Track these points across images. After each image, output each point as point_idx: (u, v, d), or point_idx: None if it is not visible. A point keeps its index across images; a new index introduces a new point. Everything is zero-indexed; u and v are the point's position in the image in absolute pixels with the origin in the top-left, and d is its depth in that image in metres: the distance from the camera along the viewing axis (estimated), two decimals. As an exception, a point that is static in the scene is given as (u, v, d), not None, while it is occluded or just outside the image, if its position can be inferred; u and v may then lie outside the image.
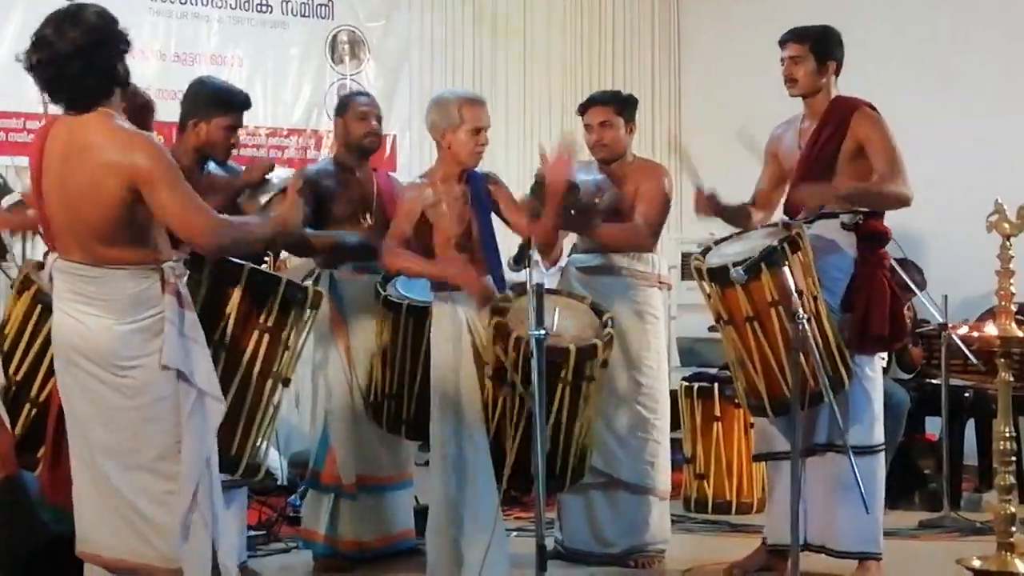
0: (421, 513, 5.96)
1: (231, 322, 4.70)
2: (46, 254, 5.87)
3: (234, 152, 5.75)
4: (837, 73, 5.96)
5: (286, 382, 4.93)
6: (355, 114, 6.23)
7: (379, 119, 6.29)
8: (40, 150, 4.15)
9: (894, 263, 6.30)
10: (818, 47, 5.90)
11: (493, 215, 5.60)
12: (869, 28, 9.31)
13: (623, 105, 6.36)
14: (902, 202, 5.78)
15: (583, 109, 6.39)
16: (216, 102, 5.60)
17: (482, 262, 5.49)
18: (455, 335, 5.39)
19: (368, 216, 6.17)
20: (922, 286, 7.57)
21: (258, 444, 4.88)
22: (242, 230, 4.41)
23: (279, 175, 5.80)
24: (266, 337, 4.83)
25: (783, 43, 5.96)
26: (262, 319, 4.82)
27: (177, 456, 4.12)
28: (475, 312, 5.39)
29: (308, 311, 4.94)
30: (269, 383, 4.87)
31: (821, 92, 5.91)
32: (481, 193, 5.55)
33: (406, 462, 6.31)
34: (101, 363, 4.08)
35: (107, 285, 4.09)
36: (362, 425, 6.11)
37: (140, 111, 5.05)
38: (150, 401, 4.10)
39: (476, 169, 5.55)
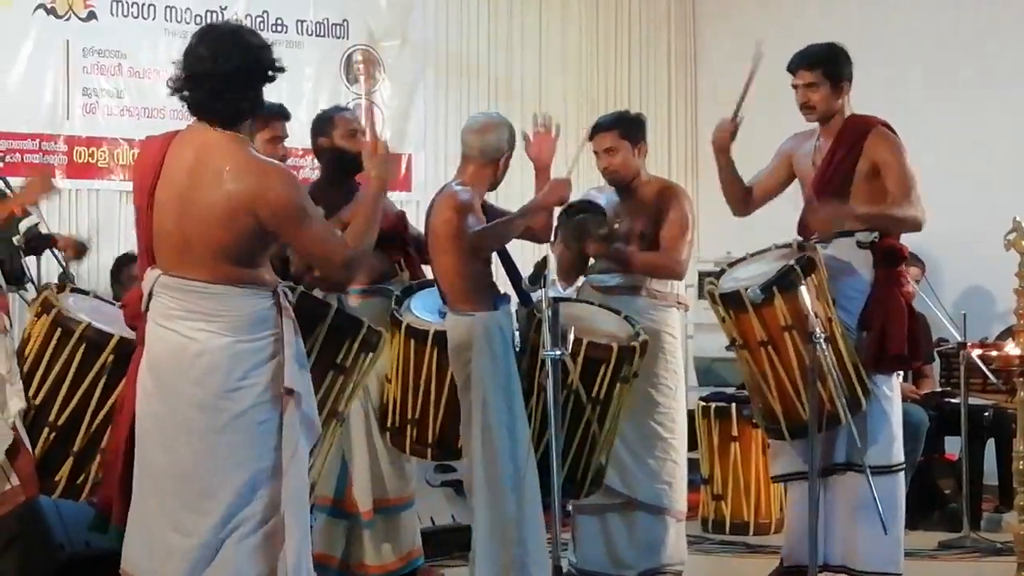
0: (434, 535, 5.93)
1: (311, 358, 4.61)
2: (60, 276, 5.91)
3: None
4: (849, 91, 5.94)
5: (342, 421, 4.95)
6: (343, 131, 6.15)
7: (362, 132, 6.24)
8: (157, 164, 4.12)
9: (917, 287, 6.26)
10: (830, 70, 5.86)
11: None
12: (886, 50, 9.29)
13: (627, 128, 6.30)
14: (915, 227, 5.77)
15: (591, 135, 6.36)
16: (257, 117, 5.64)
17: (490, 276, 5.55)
18: (504, 350, 5.39)
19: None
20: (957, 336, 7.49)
21: (314, 483, 4.87)
22: (368, 244, 4.29)
23: None
24: (340, 378, 4.83)
25: (793, 69, 5.91)
26: (339, 359, 4.81)
27: (267, 482, 4.05)
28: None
29: (375, 356, 4.93)
30: (333, 423, 4.86)
31: (837, 113, 5.89)
32: (497, 212, 5.58)
33: (411, 482, 6.29)
34: (207, 383, 4.00)
35: (228, 302, 4.04)
36: (379, 451, 6.09)
37: None
38: (247, 425, 4.02)
39: None
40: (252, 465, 4.03)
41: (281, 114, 5.75)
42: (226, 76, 4.05)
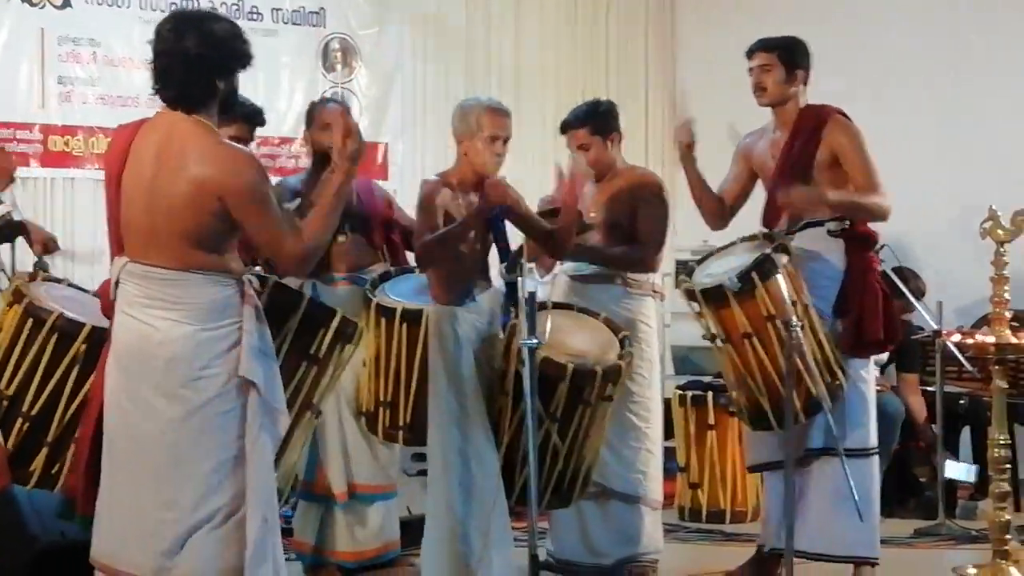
0: (409, 524, 5.93)
1: (284, 348, 4.62)
2: (35, 265, 5.90)
3: None
4: (805, 83, 5.97)
5: (318, 414, 4.91)
6: (319, 123, 6.15)
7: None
8: (124, 150, 4.13)
9: (890, 272, 6.28)
10: (786, 56, 5.92)
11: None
12: (861, 36, 9.31)
13: (598, 123, 6.22)
14: (882, 216, 5.80)
15: (562, 130, 6.32)
16: (222, 111, 5.62)
17: (488, 269, 5.51)
18: (456, 347, 5.37)
19: (346, 225, 6.13)
20: (920, 294, 7.55)
21: (289, 473, 4.86)
22: (322, 239, 4.26)
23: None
24: (314, 368, 4.79)
25: (751, 53, 5.98)
26: (312, 349, 4.78)
27: (231, 471, 4.05)
28: (488, 315, 5.43)
29: (351, 347, 4.91)
30: (307, 414, 4.84)
31: (790, 102, 5.92)
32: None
33: (391, 472, 6.29)
34: (173, 370, 4.01)
35: (190, 289, 4.04)
36: (349, 434, 6.09)
37: None
38: (213, 413, 4.03)
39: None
40: (217, 454, 4.04)
41: (248, 118, 5.71)
42: (187, 59, 4.06)
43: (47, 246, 6.57)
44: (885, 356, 7.34)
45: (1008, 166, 8.74)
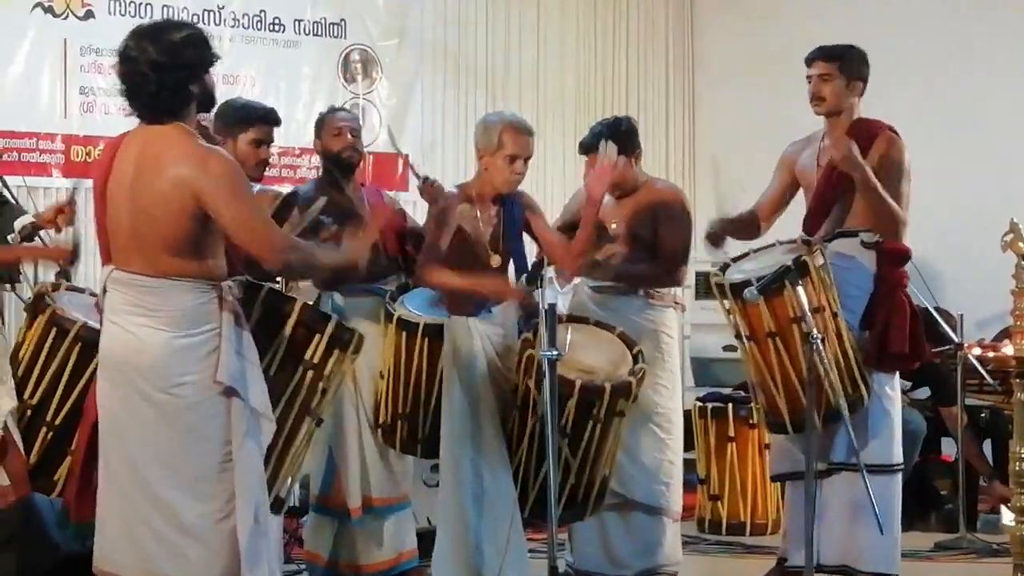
0: (429, 535, 5.93)
1: (279, 354, 4.64)
2: (58, 275, 5.90)
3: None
4: (862, 94, 5.95)
5: (319, 422, 4.92)
6: (330, 130, 6.19)
7: (355, 133, 6.24)
8: (109, 162, 4.21)
9: (933, 311, 6.25)
10: (847, 66, 5.89)
11: (527, 237, 5.62)
12: (882, 46, 9.25)
13: (620, 142, 6.11)
14: (895, 222, 5.78)
15: (584, 151, 6.26)
16: (240, 118, 5.67)
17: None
18: (471, 359, 5.38)
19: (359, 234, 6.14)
20: (954, 337, 7.47)
21: (287, 480, 4.87)
22: (309, 254, 4.41)
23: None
24: (310, 374, 4.79)
25: (811, 61, 5.93)
26: (308, 355, 4.79)
27: (219, 476, 4.10)
28: (502, 328, 5.41)
29: (351, 354, 4.92)
30: (306, 422, 4.85)
31: (845, 112, 5.90)
32: (515, 214, 5.55)
33: (405, 483, 6.28)
34: (151, 378, 4.07)
35: (167, 296, 4.10)
36: (367, 448, 6.09)
37: None
38: (197, 419, 4.09)
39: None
40: (204, 459, 4.10)
41: (265, 118, 5.75)
42: (144, 70, 4.11)
43: (68, 258, 6.58)
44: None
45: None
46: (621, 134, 6.23)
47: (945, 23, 9.46)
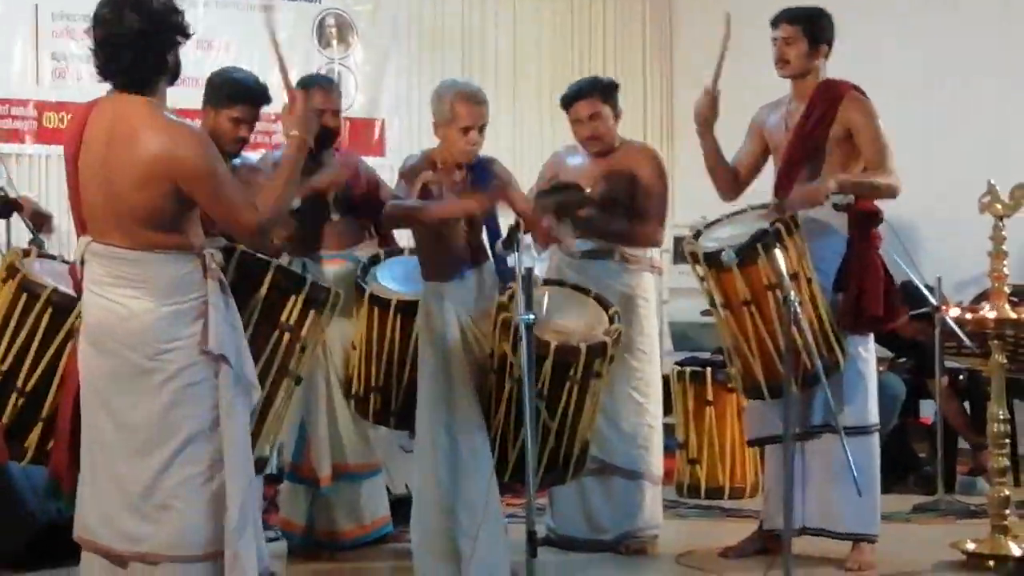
0: (407, 501, 5.92)
1: (254, 317, 4.63)
2: (30, 241, 5.86)
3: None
4: (827, 56, 5.91)
5: (298, 380, 4.91)
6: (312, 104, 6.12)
7: (336, 111, 6.19)
8: (79, 131, 4.13)
9: (920, 284, 6.25)
10: (811, 29, 5.85)
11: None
12: (860, 13, 9.26)
13: (607, 93, 6.26)
14: (892, 194, 5.76)
15: (568, 103, 6.27)
16: (227, 94, 5.69)
17: (483, 247, 5.48)
18: (444, 326, 5.36)
19: (334, 200, 6.11)
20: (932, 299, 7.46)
21: (269, 440, 4.85)
22: (280, 210, 4.27)
23: None
24: (286, 336, 4.78)
25: (775, 23, 5.90)
26: (283, 317, 4.77)
27: (207, 440, 4.08)
28: (476, 292, 5.42)
29: (327, 312, 4.89)
30: (285, 381, 4.83)
31: (811, 74, 5.87)
32: (484, 178, 5.50)
33: (376, 450, 6.28)
34: (137, 346, 4.04)
35: (150, 268, 4.05)
36: (340, 415, 6.07)
37: None
38: (183, 385, 4.06)
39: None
40: (191, 424, 4.06)
41: (252, 99, 5.71)
42: (125, 38, 4.04)
43: (41, 223, 6.53)
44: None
45: (1008, 141, 8.71)
46: (606, 86, 6.30)
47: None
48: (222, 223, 4.17)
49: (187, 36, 4.17)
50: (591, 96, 6.22)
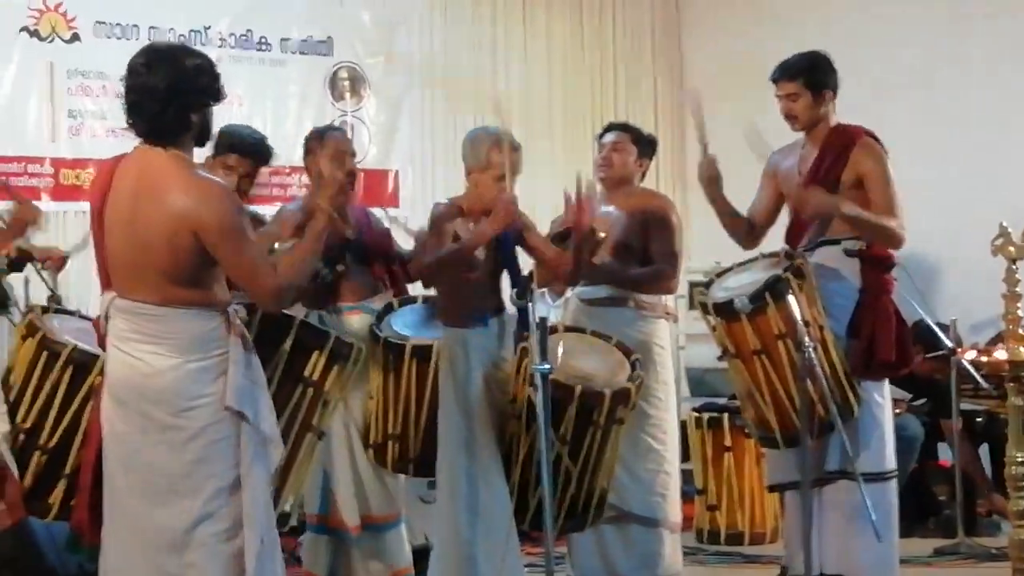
0: (417, 551, 5.92)
1: (278, 372, 4.65)
2: (49, 299, 5.91)
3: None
4: (834, 99, 5.93)
5: (321, 436, 4.92)
6: (329, 153, 6.14)
7: (353, 157, 6.24)
8: (106, 186, 4.17)
9: (932, 324, 6.24)
10: (811, 80, 5.84)
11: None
12: (871, 51, 9.30)
13: (638, 136, 6.46)
14: (895, 243, 5.75)
15: (602, 133, 6.53)
16: (221, 143, 5.76)
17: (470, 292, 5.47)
18: (465, 372, 5.37)
19: (346, 256, 6.14)
20: (947, 342, 7.46)
21: (291, 494, 4.87)
22: (300, 278, 4.33)
23: None
24: (310, 391, 4.80)
25: (775, 81, 5.91)
26: (307, 372, 4.78)
27: (228, 499, 4.09)
28: (498, 339, 5.44)
29: (350, 367, 4.90)
30: (308, 437, 4.84)
31: (822, 122, 5.88)
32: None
33: (398, 499, 6.27)
34: (161, 403, 4.05)
35: (174, 324, 4.07)
36: (362, 466, 6.07)
37: None
38: (206, 443, 4.07)
39: None
40: (213, 482, 4.08)
41: (245, 148, 5.84)
42: (150, 91, 4.09)
43: (58, 261, 6.60)
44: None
45: (1022, 183, 8.72)
46: (640, 132, 6.54)
47: (936, 26, 9.47)
48: (240, 283, 4.19)
49: (217, 100, 4.21)
50: (623, 131, 6.47)
